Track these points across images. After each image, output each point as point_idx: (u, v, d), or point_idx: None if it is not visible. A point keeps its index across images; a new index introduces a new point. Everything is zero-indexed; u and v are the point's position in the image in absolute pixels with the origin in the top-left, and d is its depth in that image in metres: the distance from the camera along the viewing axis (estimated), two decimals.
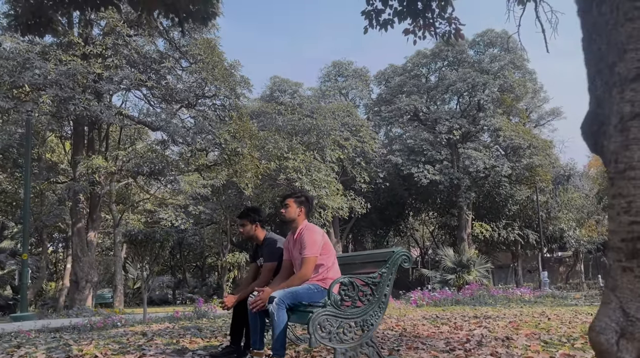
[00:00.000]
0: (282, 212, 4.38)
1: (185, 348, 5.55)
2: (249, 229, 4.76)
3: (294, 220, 4.35)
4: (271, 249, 4.66)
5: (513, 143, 26.96)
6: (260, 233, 4.81)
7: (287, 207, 4.36)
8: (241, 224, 4.77)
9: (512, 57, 28.12)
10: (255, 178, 18.83)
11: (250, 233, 4.77)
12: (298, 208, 4.36)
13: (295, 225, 4.36)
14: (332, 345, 3.54)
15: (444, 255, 24.06)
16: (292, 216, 4.35)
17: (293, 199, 4.40)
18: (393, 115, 28.72)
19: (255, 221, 4.79)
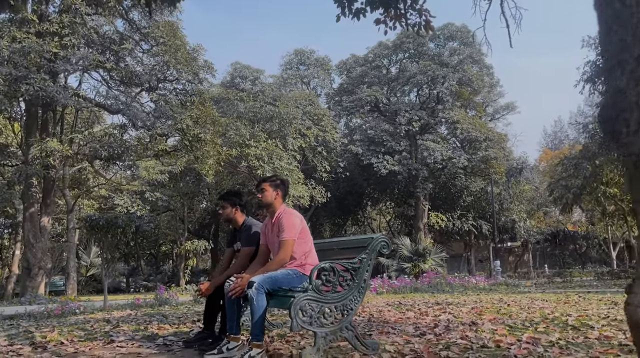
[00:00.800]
0: (259, 197, 4.37)
1: (154, 334, 5.48)
2: (229, 212, 4.75)
3: (270, 204, 4.35)
4: (249, 234, 4.66)
5: (470, 136, 27.65)
6: (239, 218, 4.80)
7: (264, 191, 4.36)
8: (221, 206, 4.76)
9: (471, 51, 28.72)
10: (217, 165, 18.59)
11: (229, 216, 4.76)
12: (274, 192, 4.36)
13: (272, 209, 4.37)
14: (312, 329, 3.59)
15: (401, 244, 24.50)
16: (269, 200, 4.35)
17: (269, 183, 4.40)
18: (354, 106, 28.89)
19: (235, 204, 4.79)
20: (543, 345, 4.14)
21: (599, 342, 4.26)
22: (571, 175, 18.08)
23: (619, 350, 3.83)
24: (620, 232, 34.56)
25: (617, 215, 20.47)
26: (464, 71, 27.68)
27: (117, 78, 16.94)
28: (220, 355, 4.08)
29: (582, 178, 17.20)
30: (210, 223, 38.90)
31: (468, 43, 29.05)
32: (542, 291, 12.62)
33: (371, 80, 29.85)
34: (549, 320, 5.61)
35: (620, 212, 20.09)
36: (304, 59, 33.81)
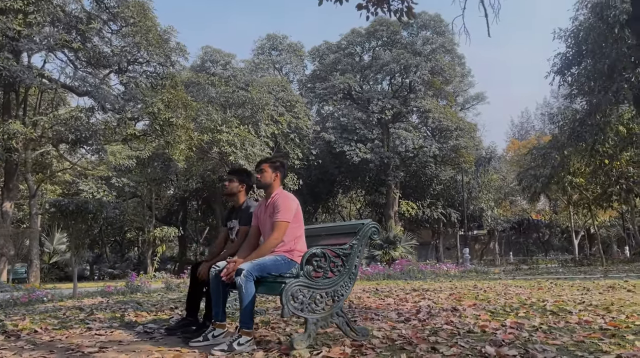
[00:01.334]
0: (258, 177, 4.29)
1: (133, 321, 5.34)
2: (235, 187, 4.69)
3: (269, 185, 4.27)
4: (249, 213, 4.57)
5: (441, 125, 27.92)
6: (242, 196, 4.74)
7: (263, 172, 4.28)
8: (229, 179, 4.70)
9: (444, 40, 28.89)
10: (188, 150, 18.24)
11: (233, 191, 4.70)
12: (274, 174, 4.28)
13: (270, 191, 4.28)
14: (303, 315, 3.53)
15: None
16: (268, 181, 4.27)
17: (268, 164, 4.32)
18: (327, 93, 28.77)
19: (243, 182, 4.73)
20: (527, 329, 4.19)
21: (580, 326, 4.34)
22: (539, 164, 18.48)
23: (602, 334, 3.90)
24: (583, 220, 35.62)
25: (582, 204, 21.06)
26: (436, 60, 27.86)
27: (84, 59, 16.37)
28: (205, 343, 3.98)
29: (550, 168, 17.59)
30: (178, 210, 38.40)
31: (441, 32, 29.23)
32: (513, 278, 12.89)
33: (344, 67, 29.75)
34: (527, 306, 5.70)
35: (584, 201, 20.69)
36: (277, 44, 33.44)
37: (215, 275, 4.10)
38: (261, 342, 3.91)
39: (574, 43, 16.17)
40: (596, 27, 13.48)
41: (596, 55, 14.24)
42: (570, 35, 16.75)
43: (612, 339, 3.73)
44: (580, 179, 18.54)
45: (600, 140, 15.48)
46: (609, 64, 13.01)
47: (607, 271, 15.39)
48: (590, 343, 3.63)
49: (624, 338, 3.72)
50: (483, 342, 3.69)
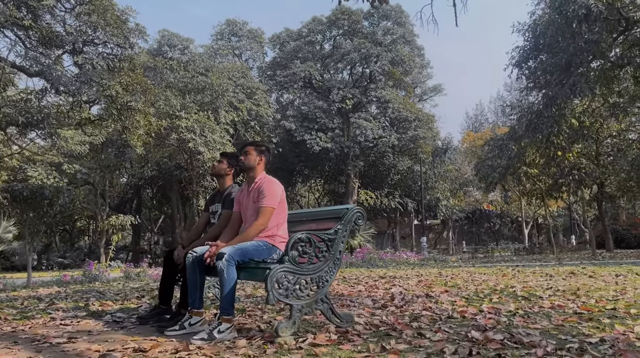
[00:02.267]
0: (241, 159, 4.17)
1: (99, 311, 5.12)
2: (223, 168, 4.62)
3: (252, 168, 4.16)
4: (232, 197, 4.45)
5: (401, 115, 28.21)
6: (228, 180, 4.66)
7: (247, 154, 4.17)
8: (219, 160, 4.65)
9: (404, 31, 29.11)
10: (147, 136, 17.67)
11: (220, 172, 4.63)
12: (258, 157, 4.18)
13: (253, 175, 4.17)
14: (288, 301, 3.45)
15: None
16: (252, 164, 4.16)
17: (253, 147, 4.21)
18: (288, 80, 28.51)
19: (232, 166, 4.64)
20: (505, 315, 4.24)
21: (554, 310, 4.43)
22: (496, 155, 18.95)
23: (578, 318, 3.99)
24: (532, 211, 36.89)
25: (535, 194, 21.78)
26: (396, 51, 28.05)
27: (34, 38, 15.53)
28: (182, 331, 3.84)
29: (507, 158, 18.06)
30: (132, 198, 37.39)
31: (401, 23, 29.42)
32: (473, 265, 13.17)
33: (305, 55, 29.55)
34: (498, 292, 5.80)
35: (538, 191, 21.40)
36: (236, 30, 32.84)
37: (192, 260, 3.96)
38: (241, 330, 3.80)
39: (532, 37, 16.57)
40: (555, 22, 13.84)
41: (554, 49, 14.65)
42: (528, 29, 17.16)
43: (589, 323, 3.81)
44: (535, 170, 19.16)
45: (555, 132, 16.00)
46: (566, 58, 13.41)
47: (559, 259, 15.95)
48: (569, 327, 3.69)
49: (600, 322, 3.81)
50: (466, 327, 3.70)
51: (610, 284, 6.18)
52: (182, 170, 24.25)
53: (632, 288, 5.73)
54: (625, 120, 21.60)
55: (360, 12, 29.89)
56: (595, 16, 12.50)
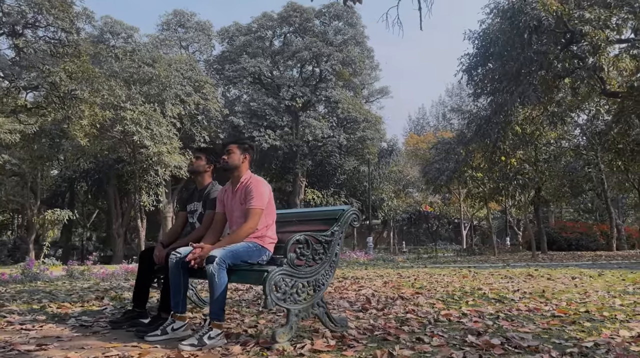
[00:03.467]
0: (224, 159, 3.96)
1: (60, 314, 4.74)
2: (201, 165, 4.35)
3: (236, 167, 3.97)
4: (215, 196, 4.22)
5: (350, 116, 28.40)
6: (207, 178, 4.41)
7: (230, 153, 3.96)
8: (197, 156, 4.36)
9: (355, 32, 29.30)
10: (91, 127, 16.75)
11: (199, 170, 4.35)
12: (242, 155, 3.99)
13: (237, 174, 3.98)
14: (286, 306, 3.30)
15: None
16: (236, 163, 3.97)
17: (237, 145, 4.01)
18: (237, 75, 28.02)
19: (211, 162, 4.38)
20: (488, 318, 4.28)
21: (532, 313, 4.51)
22: (443, 158, 19.42)
23: (560, 321, 4.07)
24: (470, 213, 38.18)
25: (479, 197, 22.53)
26: (347, 51, 28.19)
27: None
28: (164, 337, 3.61)
29: (454, 162, 18.54)
30: (65, 192, 35.63)
31: (352, 24, 29.59)
32: (424, 266, 13.39)
33: (255, 51, 29.15)
34: (469, 294, 5.87)
35: (481, 195, 22.16)
36: (184, 21, 31.90)
37: (176, 262, 3.74)
38: (228, 335, 3.61)
39: (482, 45, 17.07)
40: (506, 31, 14.32)
41: (504, 58, 15.15)
42: (478, 38, 17.67)
43: (573, 326, 3.90)
44: (480, 174, 19.80)
45: (502, 138, 16.58)
46: (516, 67, 13.90)
47: (504, 260, 16.53)
48: (557, 330, 3.75)
49: (582, 325, 3.91)
50: (458, 331, 3.69)
51: (571, 286, 6.40)
52: (125, 163, 23.28)
53: (592, 290, 5.96)
54: (561, 129, 22.74)
55: (312, 10, 29.82)
56: (545, 28, 13.05)
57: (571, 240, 27.52)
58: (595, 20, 12.39)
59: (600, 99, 18.53)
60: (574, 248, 26.74)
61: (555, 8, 12.62)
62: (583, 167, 26.14)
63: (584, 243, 27.30)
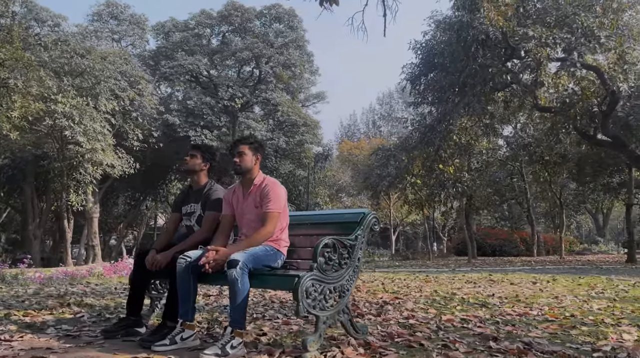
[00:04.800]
0: (236, 161, 3.73)
1: (31, 322, 4.28)
2: (197, 164, 4.07)
3: (249, 170, 3.75)
4: (216, 198, 3.97)
5: (290, 119, 28.27)
6: (203, 177, 4.13)
7: (243, 155, 3.74)
8: (191, 154, 4.06)
9: (296, 36, 29.24)
10: (21, 119, 15.44)
11: (194, 169, 4.07)
12: (254, 157, 3.79)
13: (250, 177, 3.77)
14: (315, 312, 3.15)
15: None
16: (249, 166, 3.75)
17: (248, 146, 3.78)
18: (174, 72, 27.06)
19: (207, 161, 4.12)
20: (491, 323, 4.33)
21: (526, 318, 4.62)
22: (384, 164, 19.81)
23: (560, 326, 4.19)
24: (400, 219, 39.18)
25: (415, 203, 23.17)
26: (288, 54, 28.08)
27: None
28: (173, 347, 3.35)
29: (395, 168, 18.96)
30: None
31: (293, 27, 29.52)
32: (373, 270, 13.51)
33: (192, 48, 28.32)
34: (449, 299, 5.95)
35: (418, 201, 22.82)
36: (117, 12, 30.42)
37: (185, 266, 3.49)
38: (248, 345, 3.40)
39: (427, 55, 17.59)
40: (453, 44, 14.83)
41: (449, 69, 15.68)
42: (421, 48, 18.20)
43: (574, 330, 4.02)
44: (418, 181, 20.38)
45: (444, 146, 17.15)
46: (462, 79, 14.43)
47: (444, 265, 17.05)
48: (564, 335, 3.86)
49: (581, 330, 4.04)
50: (473, 337, 3.70)
51: (537, 291, 6.66)
52: (50, 160, 21.73)
53: (560, 295, 6.23)
54: (493, 140, 23.91)
55: (253, 11, 29.45)
56: (493, 42, 13.65)
57: (495, 246, 28.98)
58: (537, 38, 13.10)
59: (532, 112, 19.62)
60: (497, 254, 28.15)
61: (502, 24, 13.21)
62: (507, 177, 27.64)
63: (506, 249, 28.82)
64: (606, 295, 6.25)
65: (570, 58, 13.93)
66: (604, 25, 13.48)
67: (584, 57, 13.66)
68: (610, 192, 28.49)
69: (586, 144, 18.32)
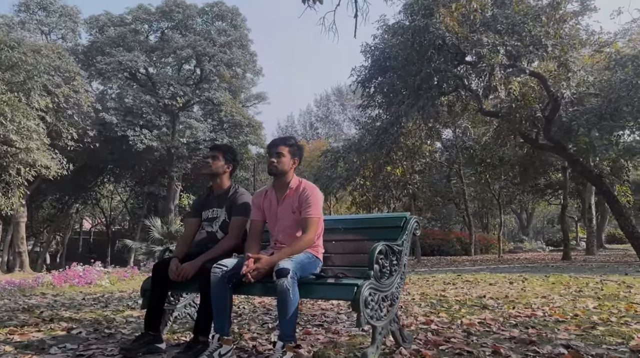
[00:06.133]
0: (273, 162, 3.47)
1: (33, 342, 3.80)
2: (220, 166, 3.78)
3: (285, 173, 3.51)
4: (242, 202, 3.69)
5: (234, 119, 27.68)
6: (226, 180, 3.84)
7: (281, 156, 3.48)
8: (213, 156, 3.77)
9: (239, 35, 28.65)
10: None
11: (217, 171, 3.77)
12: (292, 160, 3.54)
13: (285, 180, 3.52)
14: (373, 323, 2.99)
15: (152, 225, 23.26)
16: (285, 168, 3.51)
17: (288, 148, 3.53)
18: (111, 69, 25.67)
19: (229, 162, 3.83)
20: (508, 325, 4.32)
21: (537, 319, 4.65)
22: (334, 165, 19.84)
23: (576, 327, 4.24)
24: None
25: (363, 204, 23.37)
26: (231, 53, 27.46)
27: None
28: None
29: (346, 170, 19.03)
30: None
31: (237, 26, 28.93)
32: None
33: (130, 44, 27.05)
34: (443, 301, 5.93)
35: (365, 202, 23.04)
36: (46, 3, 28.44)
37: (221, 276, 3.22)
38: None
39: (378, 59, 17.77)
40: (407, 47, 15.04)
41: (402, 73, 15.90)
42: (370, 51, 18.38)
43: (594, 331, 4.07)
44: (368, 183, 20.57)
45: (395, 149, 17.39)
46: (417, 82, 14.67)
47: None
48: (588, 336, 3.90)
49: (600, 329, 4.12)
50: (510, 342, 3.65)
51: (521, 291, 6.80)
52: None
53: (545, 295, 6.39)
54: (434, 143, 24.59)
55: (194, 7, 28.56)
56: (447, 47, 13.97)
57: (434, 246, 29.82)
58: (490, 44, 13.55)
59: (475, 116, 20.32)
60: (436, 253, 28.99)
61: (457, 30, 13.56)
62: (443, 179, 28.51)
63: (444, 248, 29.73)
64: (587, 294, 6.46)
65: (518, 64, 14.52)
66: (549, 34, 14.16)
67: (532, 64, 14.29)
68: (537, 193, 30.18)
69: (528, 148, 19.19)
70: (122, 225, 48.73)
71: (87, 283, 10.08)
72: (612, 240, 44.95)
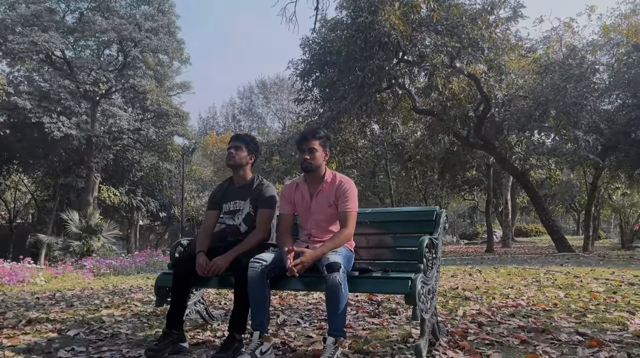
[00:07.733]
0: (307, 158, 3.34)
1: (34, 344, 3.41)
2: (244, 157, 3.64)
3: (318, 167, 3.39)
4: (269, 194, 3.54)
5: (161, 109, 26.52)
6: (249, 171, 3.72)
7: (314, 151, 3.37)
8: (236, 146, 3.60)
9: (167, 21, 27.44)
10: None
11: (240, 162, 3.63)
12: (323, 153, 3.44)
13: (319, 173, 3.40)
14: (423, 315, 2.99)
15: (69, 219, 22.08)
16: (319, 163, 3.42)
17: (319, 141, 3.41)
18: (24, 49, 23.58)
19: (252, 153, 3.69)
20: (507, 315, 4.47)
21: (521, 308, 4.87)
22: (268, 158, 19.64)
23: (567, 315, 4.49)
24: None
25: None
26: (158, 40, 26.22)
27: None
28: None
29: (282, 163, 18.91)
30: None
31: (164, 11, 27.68)
32: None
33: (47, 24, 25.03)
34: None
35: None
36: None
37: (261, 271, 3.08)
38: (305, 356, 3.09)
39: (318, 53, 17.80)
40: (350, 43, 15.15)
41: (344, 68, 16.02)
42: (308, 45, 18.39)
43: (585, 318, 4.32)
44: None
45: (335, 144, 17.49)
46: (361, 78, 14.85)
47: None
48: (589, 323, 4.13)
49: (590, 317, 4.37)
50: (523, 331, 3.78)
51: (485, 282, 7.08)
52: None
53: (514, 286, 6.70)
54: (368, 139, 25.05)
55: None
56: (392, 45, 14.24)
57: None
58: (432, 45, 14.00)
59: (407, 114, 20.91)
60: None
61: (401, 29, 13.86)
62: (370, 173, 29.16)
63: None
64: (546, 284, 6.85)
65: (454, 65, 15.11)
66: (484, 37, 14.86)
67: (469, 66, 14.93)
68: (454, 189, 31.78)
69: (459, 146, 20.05)
70: (25, 219, 45.34)
71: (19, 282, 9.24)
72: (518, 234, 48.31)
